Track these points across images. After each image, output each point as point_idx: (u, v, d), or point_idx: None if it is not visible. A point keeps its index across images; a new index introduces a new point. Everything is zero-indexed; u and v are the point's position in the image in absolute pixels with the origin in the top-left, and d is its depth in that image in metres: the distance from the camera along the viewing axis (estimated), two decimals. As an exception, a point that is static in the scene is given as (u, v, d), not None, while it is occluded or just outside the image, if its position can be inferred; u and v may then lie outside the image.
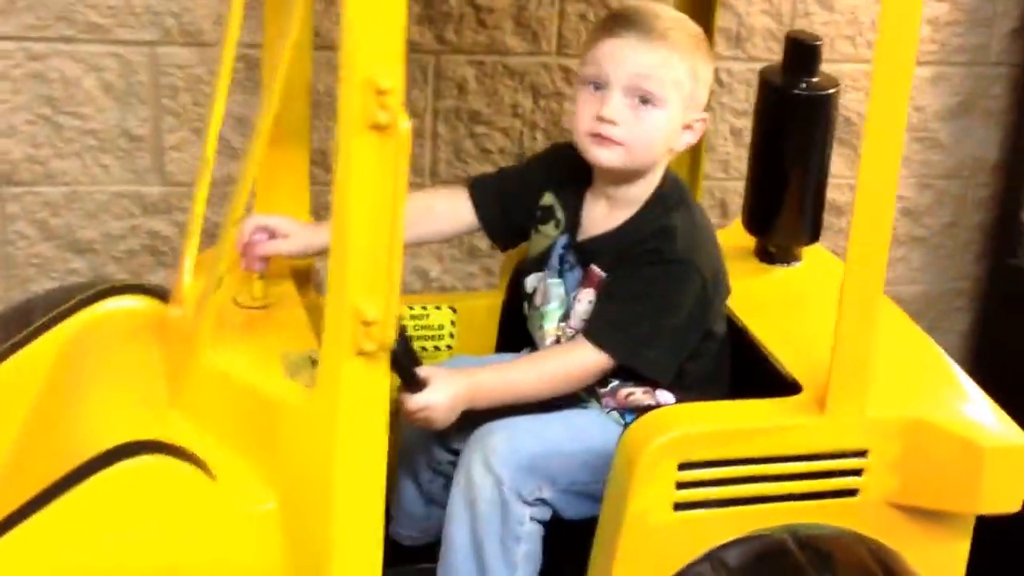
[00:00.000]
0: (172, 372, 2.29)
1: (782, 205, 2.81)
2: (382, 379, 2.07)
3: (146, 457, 2.10)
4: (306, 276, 2.61)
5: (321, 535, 2.12)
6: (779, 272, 2.83)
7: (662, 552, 2.32)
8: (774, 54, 3.35)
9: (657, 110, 2.36)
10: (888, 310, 2.63)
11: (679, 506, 2.29)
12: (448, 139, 3.32)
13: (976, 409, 2.44)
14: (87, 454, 2.10)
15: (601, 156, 2.39)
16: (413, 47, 3.15)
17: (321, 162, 3.11)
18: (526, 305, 2.62)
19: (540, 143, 3.36)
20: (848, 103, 3.54)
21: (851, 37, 3.53)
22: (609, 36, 2.37)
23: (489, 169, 3.26)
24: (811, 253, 2.87)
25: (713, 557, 2.32)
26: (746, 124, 3.31)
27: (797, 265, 2.87)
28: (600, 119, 2.35)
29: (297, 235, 2.44)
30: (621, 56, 2.34)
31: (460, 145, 3.34)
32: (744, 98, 3.49)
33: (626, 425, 2.41)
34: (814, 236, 2.86)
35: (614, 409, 2.49)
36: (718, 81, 3.47)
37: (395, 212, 1.94)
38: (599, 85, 2.37)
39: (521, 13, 3.24)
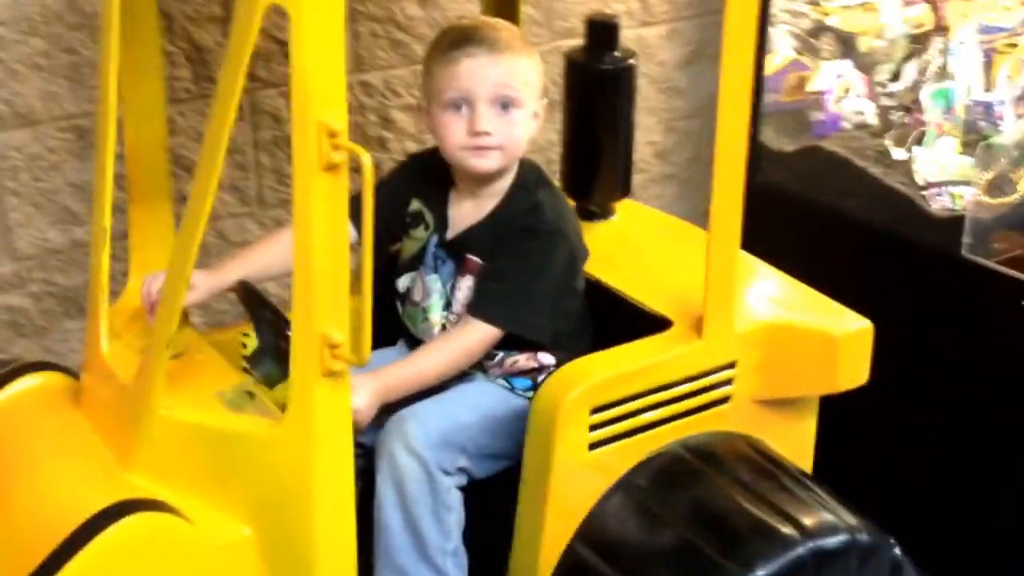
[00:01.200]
0: (115, 436, 2.43)
1: (599, 167, 3.13)
2: (347, 398, 2.32)
3: (135, 515, 2.26)
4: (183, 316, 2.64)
5: (302, 550, 2.35)
6: (602, 226, 3.11)
7: (584, 487, 2.64)
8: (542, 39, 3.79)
9: (518, 110, 2.62)
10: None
11: (593, 446, 2.60)
12: (270, 167, 3.56)
13: (816, 305, 2.89)
14: (54, 527, 2.25)
15: (481, 164, 2.65)
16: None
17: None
18: (400, 303, 2.89)
19: (349, 154, 3.64)
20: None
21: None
22: (463, 58, 2.60)
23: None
24: (623, 206, 3.19)
25: (624, 482, 2.70)
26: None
27: (614, 218, 3.18)
28: (475, 133, 2.61)
29: (201, 284, 2.58)
30: (481, 73, 2.58)
31: (282, 171, 3.57)
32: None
33: (512, 388, 2.79)
34: (626, 191, 3.23)
35: (500, 376, 2.80)
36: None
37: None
38: (461, 104, 2.61)
39: (319, 40, 3.52)
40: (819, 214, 3.70)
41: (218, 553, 2.34)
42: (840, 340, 2.78)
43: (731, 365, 2.78)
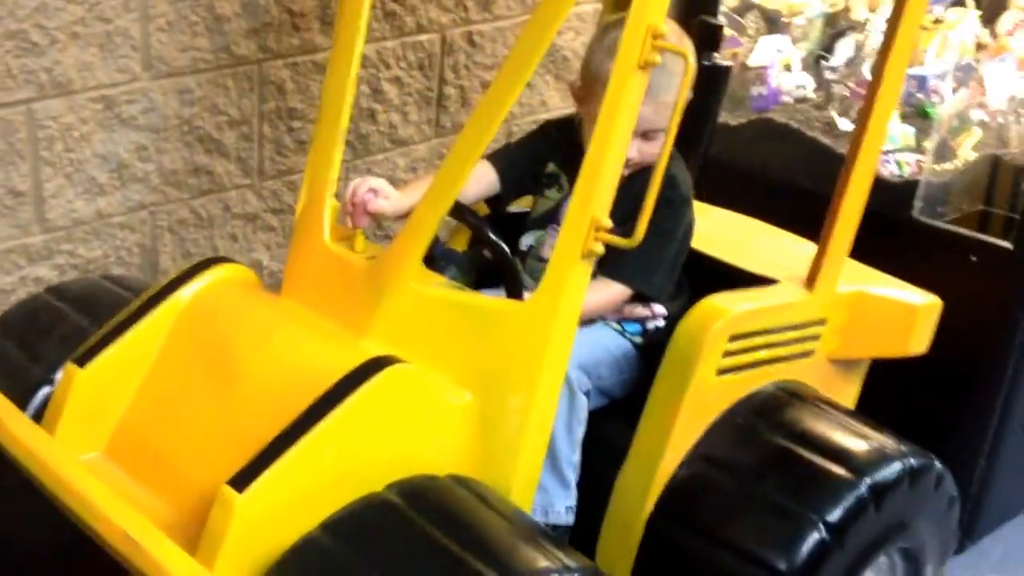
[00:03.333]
0: (345, 309, 2.61)
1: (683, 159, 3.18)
2: (586, 285, 2.54)
3: (393, 368, 2.43)
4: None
5: (518, 418, 2.54)
6: None
7: (706, 408, 2.91)
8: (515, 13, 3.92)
9: (661, 134, 2.74)
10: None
11: (721, 371, 2.89)
12: (271, 138, 3.62)
13: (892, 283, 3.23)
14: (300, 388, 2.41)
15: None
16: (240, 60, 3.45)
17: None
18: (522, 259, 3.03)
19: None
20: (566, 43, 4.14)
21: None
22: None
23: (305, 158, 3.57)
24: None
25: (732, 410, 2.95)
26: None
27: None
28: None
29: (395, 197, 2.75)
30: (644, 119, 2.64)
31: (281, 142, 3.64)
32: (491, 52, 4.00)
33: (624, 331, 2.99)
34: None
35: (615, 320, 2.99)
36: (470, 42, 3.95)
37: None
38: None
39: (326, 12, 3.58)
40: (773, 183, 3.91)
41: (450, 411, 2.54)
42: (919, 310, 3.18)
43: (823, 322, 3.08)
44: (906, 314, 3.17)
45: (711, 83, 3.31)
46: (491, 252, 2.74)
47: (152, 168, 3.39)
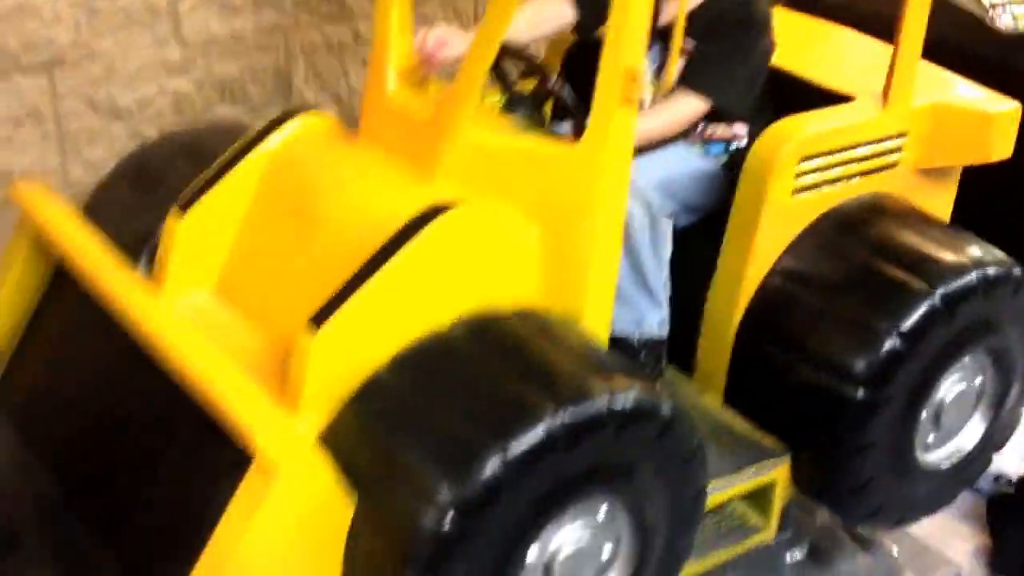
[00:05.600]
0: (419, 154, 2.70)
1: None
2: (633, 128, 2.63)
3: (449, 213, 2.54)
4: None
5: (581, 249, 2.67)
6: None
7: (784, 228, 3.05)
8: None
9: None
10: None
11: (796, 191, 3.02)
12: None
13: (969, 90, 3.32)
14: (373, 228, 2.54)
15: None
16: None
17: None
18: None
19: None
20: None
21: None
22: None
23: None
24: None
25: (813, 228, 3.08)
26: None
27: None
28: None
29: (459, 43, 2.85)
30: None
31: None
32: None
33: (707, 152, 3.12)
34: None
35: (698, 142, 3.12)
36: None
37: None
38: None
39: None
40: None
41: (516, 243, 2.66)
42: (995, 117, 3.26)
43: (904, 135, 3.18)
44: (985, 122, 3.26)
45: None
46: (539, 81, 2.85)
47: (285, -8, 3.56)
